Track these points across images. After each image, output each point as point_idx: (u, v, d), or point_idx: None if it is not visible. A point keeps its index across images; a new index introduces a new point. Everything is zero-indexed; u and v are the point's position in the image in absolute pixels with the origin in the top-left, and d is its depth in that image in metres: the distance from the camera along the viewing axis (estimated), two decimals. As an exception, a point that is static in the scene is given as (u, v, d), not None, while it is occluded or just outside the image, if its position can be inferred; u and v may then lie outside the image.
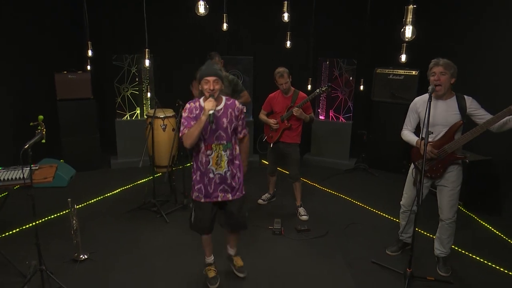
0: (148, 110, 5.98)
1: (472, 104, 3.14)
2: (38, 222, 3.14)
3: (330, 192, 5.27)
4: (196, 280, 3.27)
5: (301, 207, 4.52)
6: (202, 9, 3.55)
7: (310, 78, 5.05)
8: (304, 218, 4.42)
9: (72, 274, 3.34)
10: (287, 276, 3.40)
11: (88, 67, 5.39)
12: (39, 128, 3.05)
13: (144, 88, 6.07)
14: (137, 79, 6.01)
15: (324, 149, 6.31)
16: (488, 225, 4.34)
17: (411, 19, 2.44)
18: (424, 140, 2.99)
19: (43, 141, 3.01)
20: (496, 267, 3.55)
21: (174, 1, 6.34)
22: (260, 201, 4.85)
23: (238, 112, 2.97)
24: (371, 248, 3.84)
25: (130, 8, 5.81)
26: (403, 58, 3.63)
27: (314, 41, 5.35)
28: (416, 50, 4.62)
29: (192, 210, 3.10)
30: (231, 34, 6.10)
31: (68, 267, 3.44)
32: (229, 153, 2.93)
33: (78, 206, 3.63)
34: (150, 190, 4.60)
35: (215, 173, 2.93)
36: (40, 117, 3.10)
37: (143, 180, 5.45)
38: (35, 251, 2.90)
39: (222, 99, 2.95)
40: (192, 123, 2.84)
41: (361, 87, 5.82)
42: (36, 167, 3.41)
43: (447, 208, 3.31)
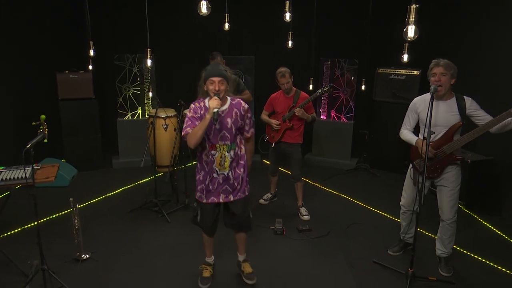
0: (149, 110, 5.98)
1: (472, 105, 3.14)
2: (40, 221, 3.14)
3: (332, 192, 5.26)
4: (197, 280, 3.26)
5: (302, 207, 4.52)
6: (204, 8, 3.54)
7: (311, 78, 5.04)
8: (306, 218, 4.42)
9: (74, 273, 3.35)
10: (289, 276, 3.40)
11: (90, 67, 5.39)
12: (41, 127, 3.05)
13: (146, 88, 6.07)
14: (138, 79, 6.02)
15: (326, 149, 6.31)
16: (490, 225, 4.34)
17: (413, 19, 2.43)
18: (426, 140, 2.99)
19: (45, 140, 3.01)
20: (498, 267, 3.54)
21: (175, 0, 6.34)
22: (261, 201, 4.85)
23: (244, 111, 2.94)
24: (372, 248, 3.84)
25: (131, 7, 5.83)
26: (405, 58, 3.61)
27: (316, 41, 5.35)
28: (417, 50, 4.61)
29: (198, 209, 3.10)
30: (233, 34, 6.09)
31: (70, 266, 3.44)
32: (233, 153, 2.92)
33: (79, 206, 3.64)
34: (152, 190, 4.60)
35: (219, 173, 2.92)
36: (42, 116, 3.10)
37: (144, 179, 5.46)
38: (37, 251, 2.91)
39: (227, 99, 2.92)
40: (196, 123, 2.81)
41: (362, 87, 5.82)
42: (38, 167, 3.42)
43: (447, 208, 3.30)
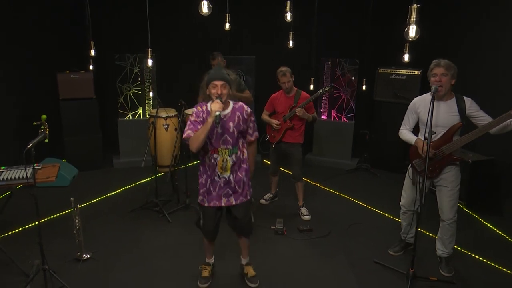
0: (150, 110, 5.98)
1: (471, 106, 3.14)
2: (41, 221, 3.14)
3: (332, 192, 5.26)
4: (197, 280, 3.26)
5: (303, 207, 4.52)
6: (205, 8, 3.54)
7: (312, 78, 5.05)
8: (306, 218, 4.42)
9: (75, 273, 3.35)
10: (289, 276, 3.40)
11: (91, 67, 5.39)
12: (42, 127, 3.05)
13: (147, 88, 6.08)
14: (139, 79, 6.02)
15: (326, 149, 6.31)
16: (491, 225, 4.33)
17: (415, 19, 2.43)
18: (426, 140, 2.99)
19: (46, 140, 3.01)
20: (499, 267, 3.54)
21: (176, 0, 6.34)
22: (262, 201, 4.85)
23: (247, 115, 2.95)
24: (373, 248, 3.83)
25: (132, 7, 5.81)
26: (406, 57, 3.60)
27: (317, 41, 5.35)
28: (418, 50, 4.61)
29: (200, 213, 3.09)
30: (233, 34, 6.09)
31: (70, 266, 3.45)
32: (235, 157, 2.92)
33: (80, 206, 3.64)
34: (153, 190, 4.59)
35: (221, 176, 2.92)
36: (43, 116, 3.10)
37: (145, 179, 5.46)
38: (37, 250, 2.91)
39: (229, 103, 2.92)
40: (198, 126, 2.80)
41: (363, 87, 5.82)
42: (39, 167, 3.42)
43: (447, 208, 3.30)
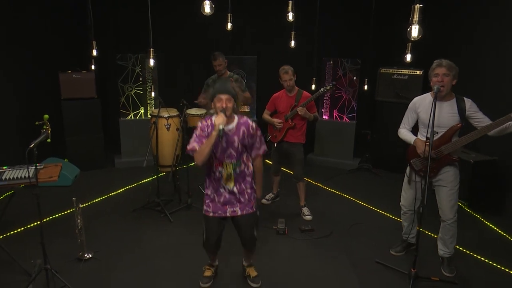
0: (152, 110, 5.99)
1: (471, 107, 3.14)
2: (43, 221, 3.15)
3: (334, 192, 5.26)
4: (199, 280, 3.26)
5: (305, 207, 4.52)
6: (207, 8, 3.53)
7: (314, 78, 5.04)
8: (308, 218, 4.42)
9: (77, 273, 3.36)
10: (291, 276, 3.40)
11: (93, 67, 5.40)
12: (44, 127, 3.06)
13: (148, 88, 6.08)
14: (141, 79, 6.03)
15: (328, 149, 6.30)
16: (493, 225, 4.33)
17: (417, 19, 2.42)
18: (428, 140, 2.99)
19: (49, 140, 3.02)
20: (501, 267, 3.54)
21: (178, 0, 6.34)
22: (264, 200, 4.84)
23: (253, 130, 2.95)
24: (375, 248, 3.83)
25: (133, 7, 5.82)
26: (408, 57, 3.61)
27: (318, 40, 5.34)
28: (420, 49, 4.60)
29: (204, 228, 3.09)
30: (235, 34, 6.09)
31: (72, 266, 3.45)
32: (238, 170, 2.94)
33: (82, 205, 3.64)
34: (154, 190, 4.60)
35: (226, 188, 2.95)
36: (46, 116, 3.11)
37: (147, 179, 5.47)
38: (40, 250, 2.91)
39: (234, 117, 2.92)
40: (203, 140, 2.82)
41: (365, 87, 5.82)
42: (41, 166, 3.42)
43: (447, 208, 3.30)
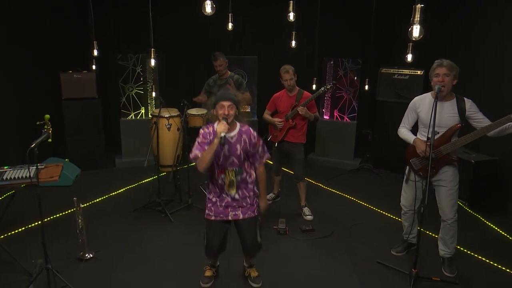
0: (153, 110, 5.99)
1: (471, 107, 3.14)
2: (44, 220, 3.14)
3: (335, 192, 5.26)
4: (199, 280, 3.27)
5: (305, 207, 4.52)
6: (209, 8, 3.53)
7: (315, 78, 5.05)
8: (309, 218, 4.42)
9: (78, 272, 3.36)
10: (292, 276, 3.40)
11: (93, 67, 5.40)
12: (45, 127, 3.06)
13: (149, 88, 6.08)
14: (141, 79, 6.03)
15: (329, 149, 6.30)
16: (494, 225, 4.32)
17: (419, 19, 2.42)
18: (430, 140, 2.99)
19: (50, 140, 3.02)
20: (502, 267, 3.53)
21: (179, 0, 6.34)
22: (264, 200, 4.84)
23: (255, 139, 2.96)
24: (376, 248, 3.83)
25: (134, 7, 5.82)
26: (409, 57, 3.61)
27: (319, 40, 5.34)
28: (421, 49, 4.60)
29: (204, 233, 3.09)
30: (236, 34, 6.09)
31: (73, 265, 3.45)
32: (240, 178, 2.95)
33: (83, 205, 3.65)
34: (155, 190, 4.60)
35: (228, 193, 2.97)
36: (47, 116, 3.11)
37: (148, 179, 5.47)
38: (41, 250, 2.91)
39: (236, 125, 2.93)
40: (205, 147, 2.83)
41: (366, 87, 5.82)
42: (42, 166, 3.43)
43: (447, 208, 3.30)
